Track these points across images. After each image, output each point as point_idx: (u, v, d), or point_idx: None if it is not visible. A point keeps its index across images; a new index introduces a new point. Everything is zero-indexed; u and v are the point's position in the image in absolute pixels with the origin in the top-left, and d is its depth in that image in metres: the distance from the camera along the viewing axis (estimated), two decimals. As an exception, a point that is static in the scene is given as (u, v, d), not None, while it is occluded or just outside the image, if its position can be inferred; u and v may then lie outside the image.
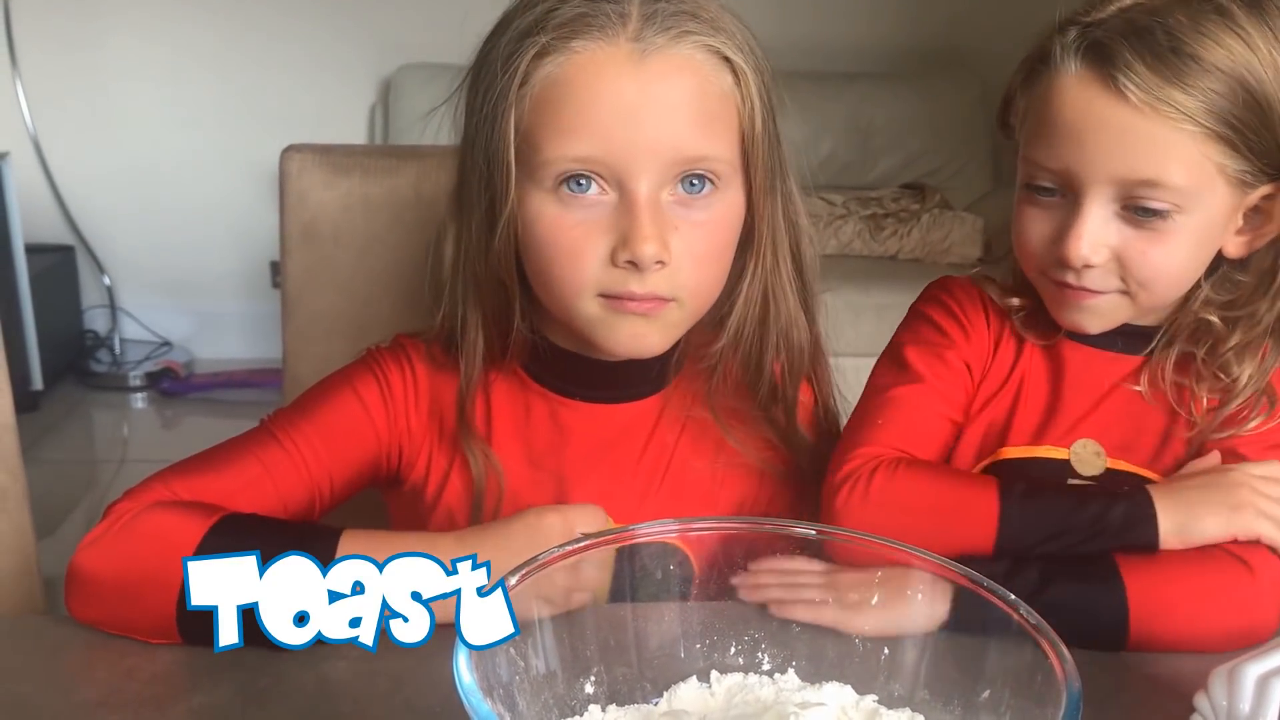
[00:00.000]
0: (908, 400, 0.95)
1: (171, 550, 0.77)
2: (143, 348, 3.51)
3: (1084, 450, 0.95)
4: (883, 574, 0.67)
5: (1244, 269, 0.93)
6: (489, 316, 0.92)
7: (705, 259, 0.88)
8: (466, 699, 0.53)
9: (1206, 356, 0.92)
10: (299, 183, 1.15)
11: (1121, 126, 0.85)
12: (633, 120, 0.82)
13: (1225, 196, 0.87)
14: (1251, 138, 0.85)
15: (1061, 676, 0.54)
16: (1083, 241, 0.87)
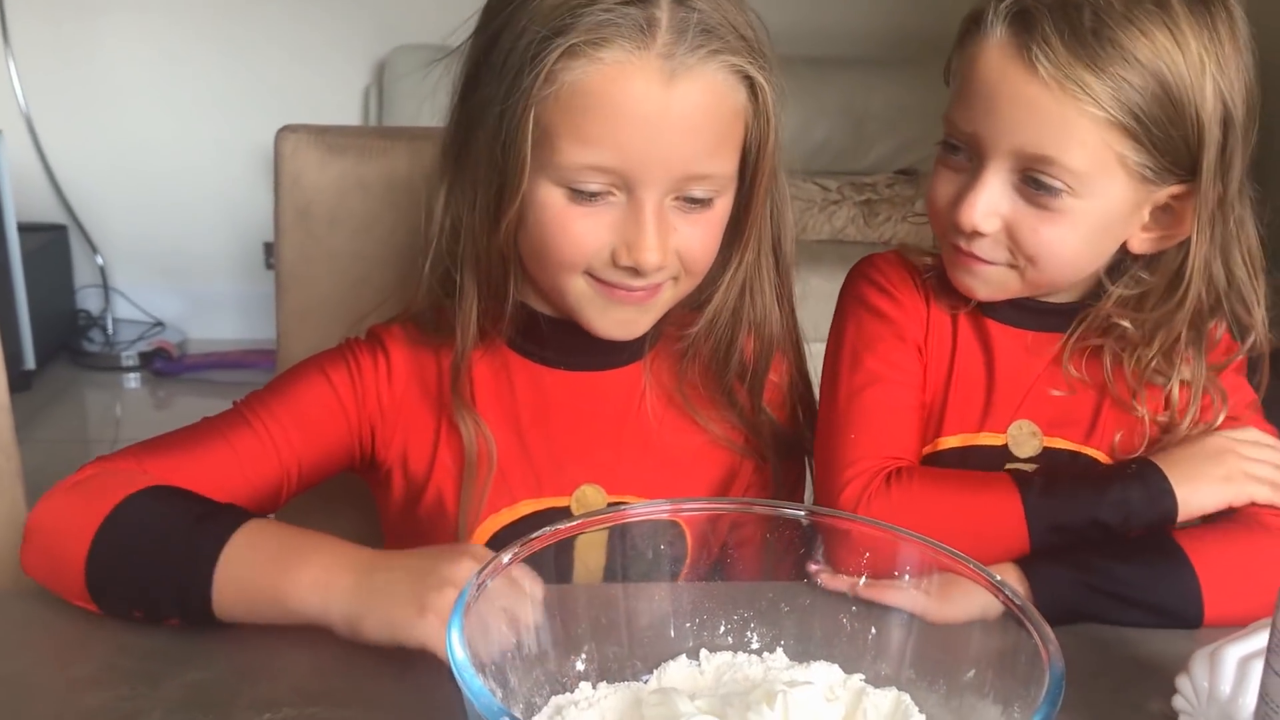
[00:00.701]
0: (876, 404, 0.95)
1: (91, 513, 0.80)
2: (136, 328, 3.51)
3: (1019, 432, 0.96)
4: None
5: (1152, 269, 0.93)
6: (485, 287, 0.93)
7: (701, 251, 0.91)
8: (459, 674, 0.53)
9: (1134, 366, 0.94)
10: (293, 163, 1.15)
11: (1028, 99, 0.85)
12: (654, 138, 0.84)
13: (1126, 189, 0.87)
14: (1158, 135, 0.85)
15: (1045, 657, 0.55)
16: (976, 208, 0.88)
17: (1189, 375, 0.94)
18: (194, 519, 0.80)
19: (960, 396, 0.97)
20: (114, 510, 0.80)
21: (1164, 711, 0.72)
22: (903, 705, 0.63)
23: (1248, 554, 0.86)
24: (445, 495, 0.96)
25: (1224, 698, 0.68)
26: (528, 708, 0.63)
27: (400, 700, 0.72)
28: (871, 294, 0.99)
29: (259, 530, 0.80)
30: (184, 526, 0.80)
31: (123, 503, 0.80)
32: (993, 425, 0.97)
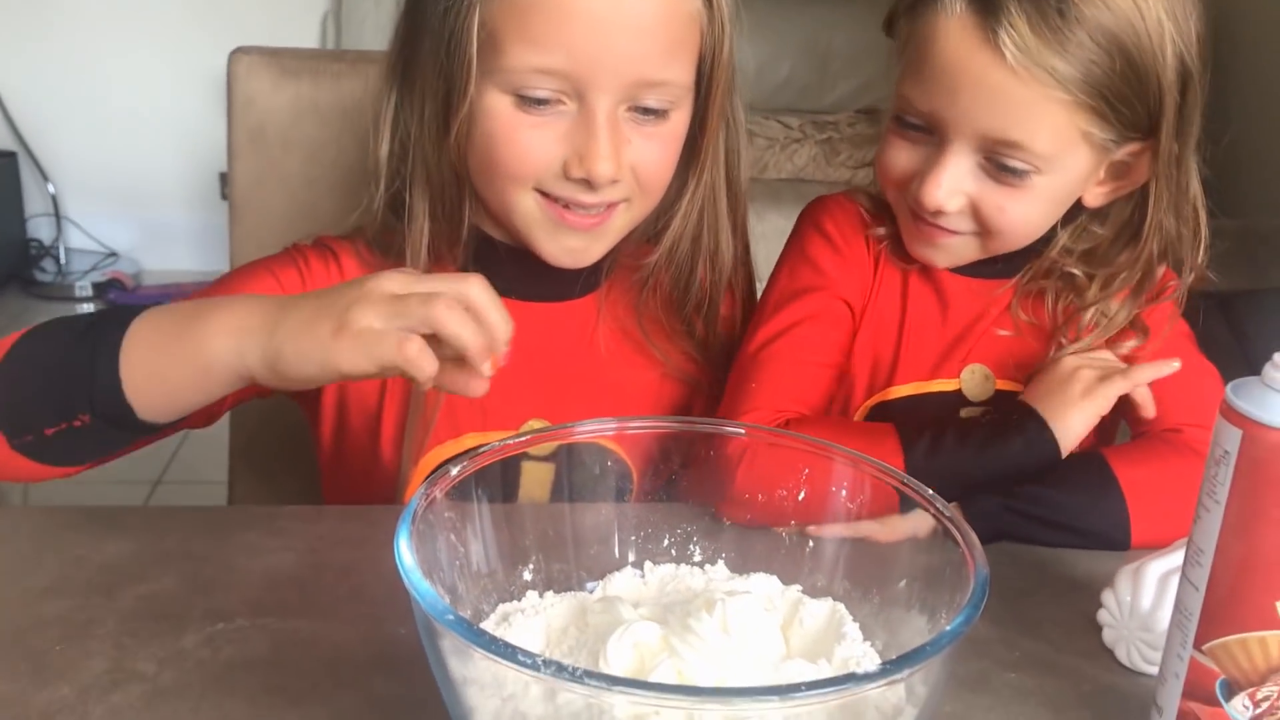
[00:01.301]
0: (784, 355, 0.94)
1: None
2: (89, 258, 3.47)
3: (972, 376, 0.97)
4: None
5: (1102, 220, 0.94)
6: (437, 206, 0.91)
7: (656, 168, 0.89)
8: (407, 578, 0.55)
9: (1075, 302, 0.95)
10: (247, 86, 1.14)
11: (994, 85, 0.83)
12: (603, 38, 0.81)
13: (1089, 159, 0.88)
14: (1123, 109, 0.85)
15: (970, 565, 0.57)
16: (940, 189, 0.88)
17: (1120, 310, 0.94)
18: (94, 316, 0.76)
19: (913, 346, 0.97)
20: (10, 344, 0.75)
21: (1089, 624, 0.75)
22: (837, 614, 0.65)
23: (1174, 478, 0.87)
24: (387, 426, 0.95)
25: (1144, 610, 0.71)
26: (475, 614, 0.65)
27: (352, 611, 0.74)
28: (815, 243, 0.98)
29: (162, 308, 0.75)
30: (83, 324, 0.75)
31: (18, 337, 0.76)
32: (946, 372, 0.97)
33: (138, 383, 0.71)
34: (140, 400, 0.71)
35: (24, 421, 0.73)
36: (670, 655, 0.58)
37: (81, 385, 0.71)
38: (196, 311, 0.72)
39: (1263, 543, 0.56)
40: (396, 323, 0.65)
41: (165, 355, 0.71)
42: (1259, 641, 0.57)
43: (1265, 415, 0.55)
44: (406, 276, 0.67)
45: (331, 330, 0.65)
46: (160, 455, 2.54)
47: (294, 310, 0.68)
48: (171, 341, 0.71)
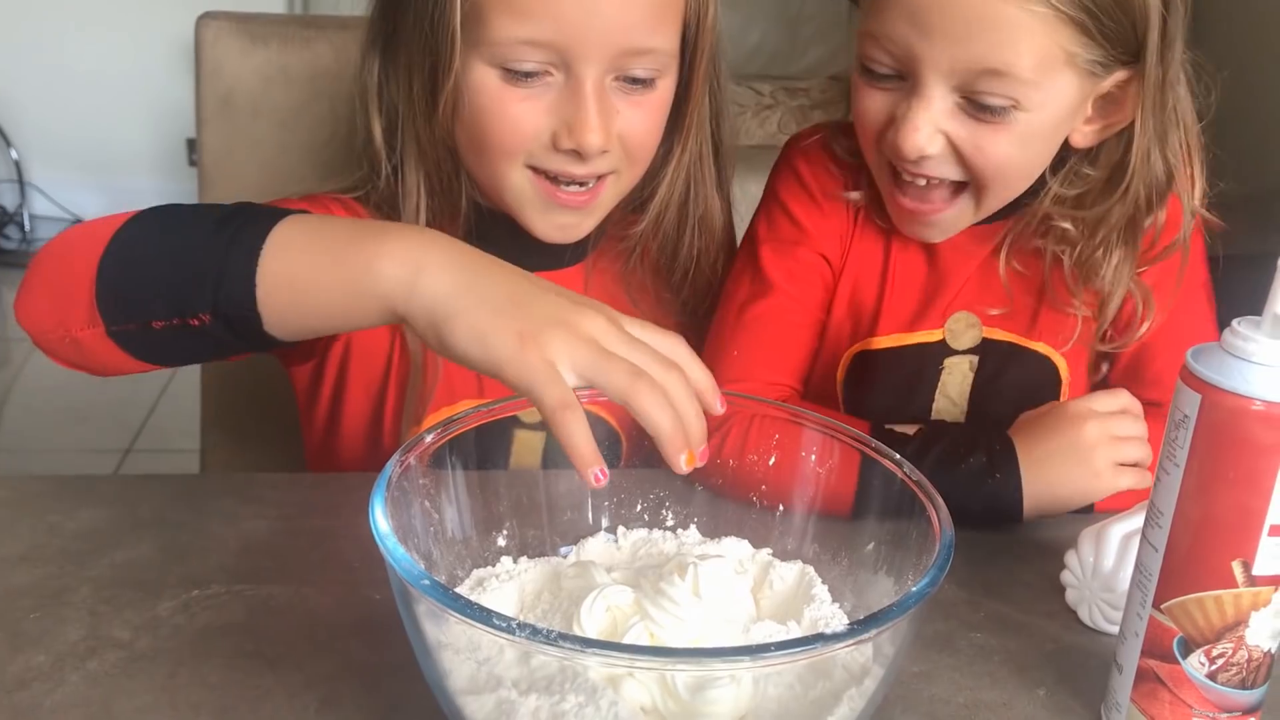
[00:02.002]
0: (764, 319, 0.93)
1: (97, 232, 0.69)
2: (54, 225, 3.43)
3: (957, 324, 0.95)
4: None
5: (1093, 162, 0.89)
6: (432, 181, 0.90)
7: (644, 137, 0.89)
8: (383, 544, 0.55)
9: (1072, 265, 0.91)
10: (215, 51, 1.13)
11: (968, 8, 0.78)
12: (589, 7, 0.81)
13: (1073, 88, 0.83)
14: (1108, 24, 0.80)
15: (936, 528, 0.59)
16: (918, 133, 0.83)
17: (1117, 274, 0.91)
18: (228, 209, 0.68)
19: (896, 296, 0.95)
20: (125, 222, 0.69)
21: (1053, 585, 0.77)
22: (806, 577, 0.67)
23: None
24: (391, 393, 0.95)
25: (1106, 570, 0.73)
26: (450, 580, 0.66)
27: (327, 577, 0.74)
28: (793, 192, 0.96)
29: (309, 216, 0.67)
30: (215, 215, 0.67)
31: (135, 215, 0.70)
32: (930, 322, 0.95)
33: (274, 291, 0.63)
34: (272, 310, 0.64)
35: (130, 309, 0.66)
36: (643, 618, 0.59)
37: (208, 281, 0.64)
38: (360, 229, 0.65)
39: (1219, 505, 0.57)
40: (590, 376, 0.57)
41: (315, 268, 0.63)
42: (1215, 600, 0.59)
43: (1224, 380, 0.56)
44: (614, 326, 0.60)
45: (519, 336, 0.57)
46: (131, 423, 2.53)
47: (486, 280, 0.61)
48: (326, 254, 0.63)
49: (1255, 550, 0.57)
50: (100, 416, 2.52)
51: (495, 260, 0.63)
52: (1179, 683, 0.61)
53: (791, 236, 0.95)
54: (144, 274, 0.66)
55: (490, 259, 0.63)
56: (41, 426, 2.52)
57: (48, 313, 0.70)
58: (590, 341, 0.58)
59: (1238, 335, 0.57)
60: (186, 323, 0.65)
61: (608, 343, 0.58)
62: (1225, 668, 0.60)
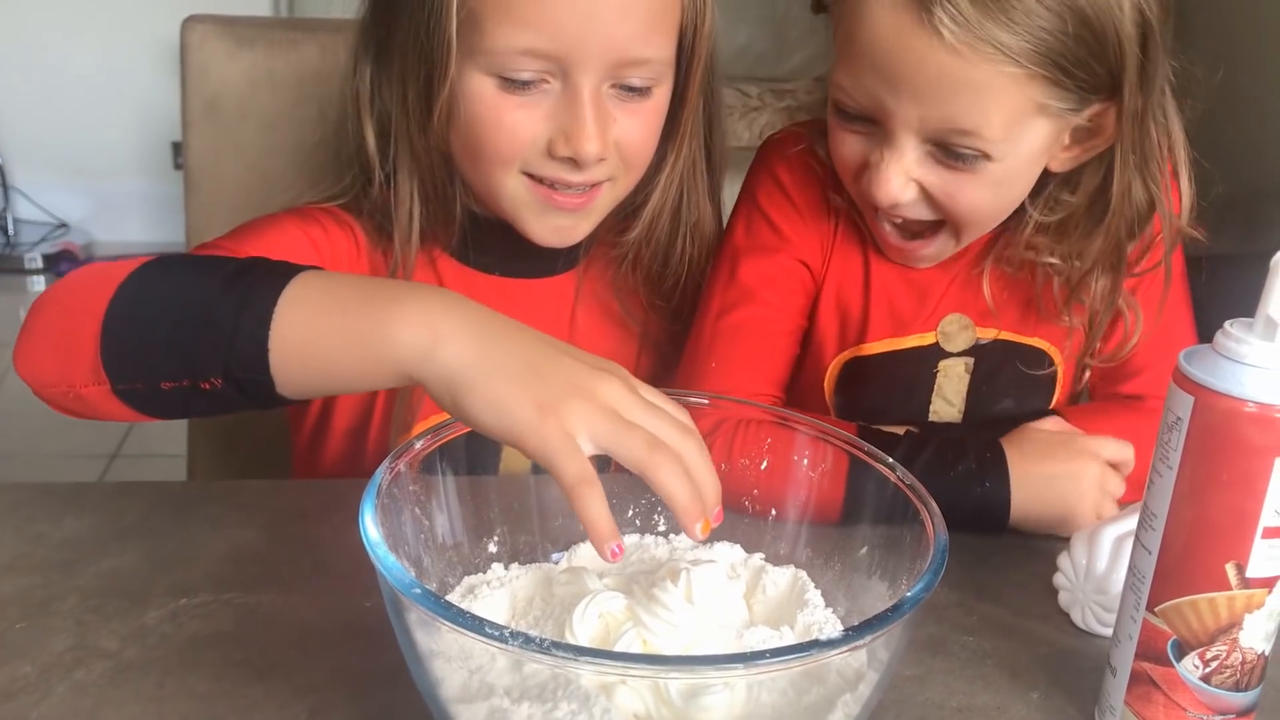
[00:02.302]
0: (743, 328, 0.92)
1: (101, 284, 0.66)
2: (38, 229, 3.41)
3: (950, 326, 0.94)
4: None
5: (1073, 189, 0.88)
6: (426, 188, 0.89)
7: (641, 144, 0.89)
8: (373, 552, 0.55)
9: (1060, 287, 0.90)
10: (201, 54, 1.12)
11: (937, 70, 0.76)
12: (588, 17, 0.80)
13: (1046, 131, 0.82)
14: (1080, 74, 0.78)
15: (930, 530, 0.58)
16: (890, 184, 0.82)
17: (1106, 298, 0.90)
18: (236, 265, 0.66)
19: (882, 301, 0.95)
20: (129, 276, 0.66)
21: (1046, 588, 0.77)
22: (799, 581, 0.66)
23: (1133, 439, 0.87)
24: (381, 398, 0.95)
25: (1099, 573, 0.73)
26: (441, 587, 0.65)
27: (317, 584, 0.74)
28: (772, 197, 0.95)
29: (320, 274, 0.65)
30: (224, 272, 0.65)
31: (139, 269, 0.67)
32: (921, 325, 0.95)
33: (288, 356, 0.61)
34: (285, 375, 0.62)
35: (138, 371, 0.65)
36: (635, 624, 0.59)
37: (219, 345, 0.62)
38: (375, 290, 0.64)
39: (1213, 507, 0.57)
40: (608, 447, 0.57)
41: (330, 333, 0.61)
42: (1209, 603, 0.59)
43: (1217, 382, 0.56)
44: (632, 392, 0.59)
45: (537, 406, 0.56)
46: (116, 428, 2.52)
47: (504, 347, 0.59)
48: (340, 317, 0.62)
49: (1249, 552, 0.57)
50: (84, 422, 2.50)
51: (512, 324, 0.62)
52: (1173, 685, 0.60)
53: (771, 244, 0.94)
54: (152, 336, 0.64)
55: (507, 322, 0.62)
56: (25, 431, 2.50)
57: (50, 367, 0.68)
58: (608, 410, 0.57)
59: (1230, 337, 0.57)
60: (197, 385, 0.63)
61: (625, 410, 0.57)
62: (1219, 670, 0.60)
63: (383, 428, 0.95)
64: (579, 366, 0.59)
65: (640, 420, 0.57)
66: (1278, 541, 0.57)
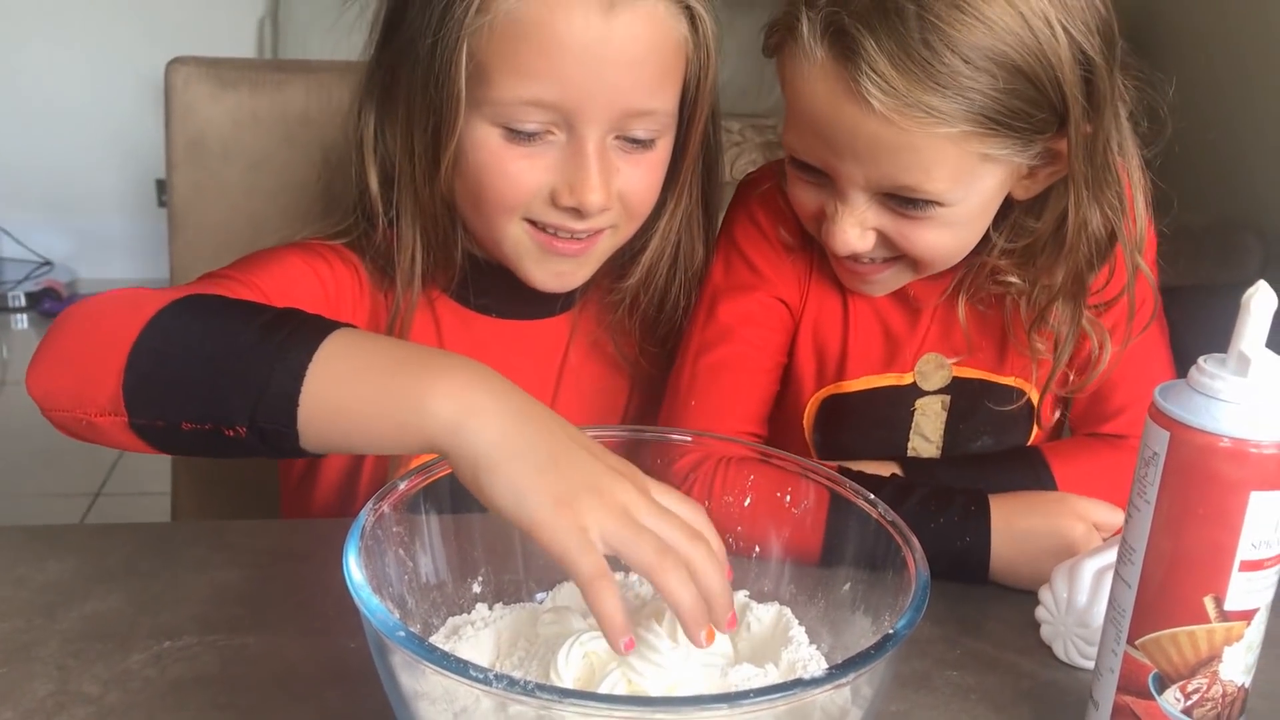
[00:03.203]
0: (722, 366, 0.92)
1: (129, 317, 0.66)
2: (22, 267, 3.41)
3: (926, 365, 0.95)
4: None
5: (1036, 215, 0.87)
6: (428, 234, 0.89)
7: (643, 194, 0.89)
8: (357, 595, 0.55)
9: (1027, 311, 0.90)
10: (185, 96, 1.13)
11: (870, 136, 0.76)
12: (595, 70, 0.80)
13: (996, 174, 0.81)
14: (1019, 123, 0.77)
15: (912, 566, 0.59)
16: (847, 236, 0.83)
17: (1069, 324, 0.89)
18: (271, 314, 0.65)
19: (860, 339, 0.95)
20: (161, 311, 0.65)
21: (1028, 622, 0.77)
22: (783, 619, 0.67)
23: (1110, 475, 0.88)
24: None
25: (1080, 606, 0.73)
26: (425, 628, 0.65)
27: (301, 625, 0.73)
28: (748, 235, 0.95)
29: (355, 334, 0.64)
30: (259, 321, 0.64)
31: (171, 305, 0.66)
32: (900, 365, 0.95)
33: (317, 414, 0.61)
34: (312, 431, 0.61)
35: (161, 409, 0.64)
36: (620, 664, 0.59)
37: (249, 394, 0.61)
38: (410, 356, 0.64)
39: (1190, 541, 0.58)
40: (619, 549, 0.57)
41: (362, 396, 0.61)
42: (1188, 636, 0.59)
43: (1191, 418, 0.57)
44: (644, 496, 0.59)
45: (555, 499, 0.57)
46: (100, 466, 2.50)
47: (530, 433, 0.59)
48: (374, 382, 0.61)
49: (1227, 586, 0.58)
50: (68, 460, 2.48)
51: (540, 408, 0.62)
52: (1155, 719, 0.61)
53: (749, 282, 0.94)
54: (180, 376, 0.64)
55: (535, 406, 0.62)
56: (7, 470, 2.49)
57: (65, 391, 0.67)
58: (621, 512, 0.57)
59: (1204, 373, 0.58)
60: (220, 430, 0.62)
61: (637, 512, 0.58)
62: (1200, 703, 0.60)
63: (375, 468, 0.95)
64: (596, 465, 0.59)
65: (651, 524, 0.58)
66: (1255, 575, 0.58)
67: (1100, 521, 0.83)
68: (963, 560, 0.81)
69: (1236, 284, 0.59)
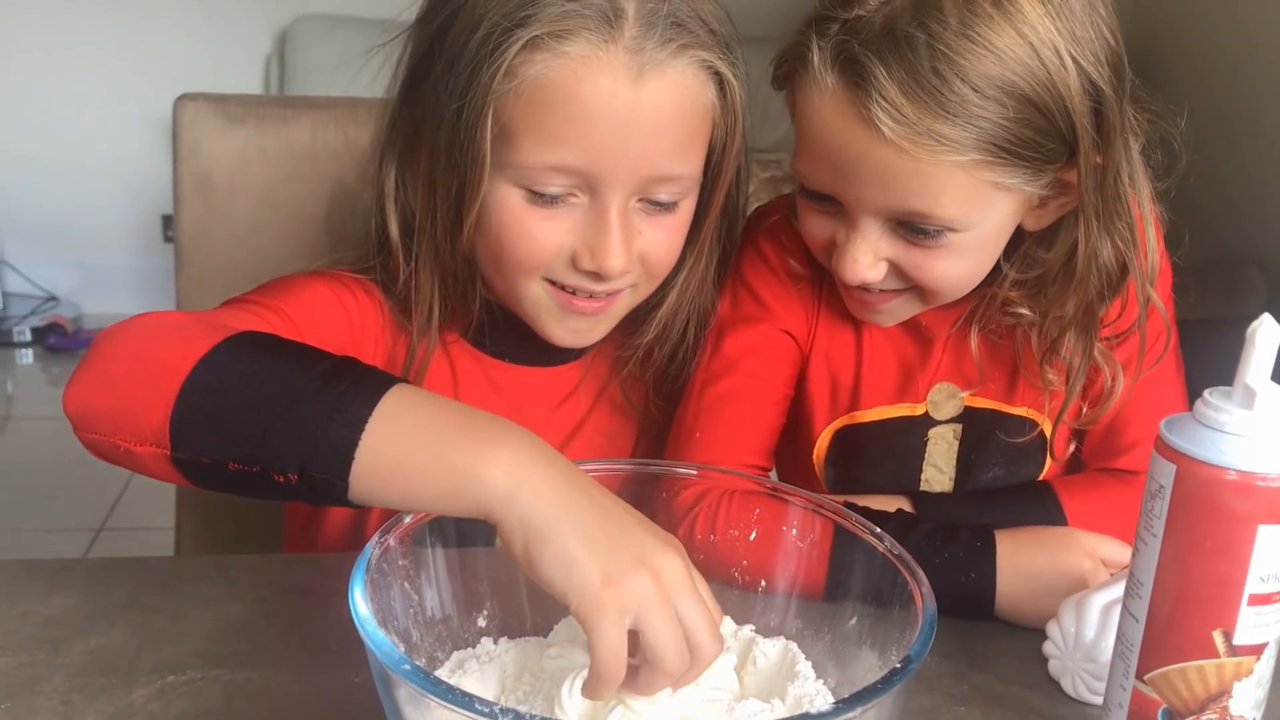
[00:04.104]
0: (727, 398, 0.92)
1: (183, 348, 0.65)
2: (28, 302, 3.42)
3: (938, 395, 0.95)
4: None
5: (1047, 246, 0.87)
6: (447, 285, 0.90)
7: (664, 256, 0.89)
8: (362, 628, 0.55)
9: (1037, 342, 0.90)
10: (192, 132, 1.14)
11: (880, 163, 0.77)
12: (621, 137, 0.80)
13: (1007, 204, 0.81)
14: (1029, 152, 0.77)
15: (919, 600, 0.59)
16: (858, 265, 0.83)
17: (1081, 357, 0.89)
18: (330, 363, 0.64)
19: (874, 370, 0.95)
20: (216, 348, 0.64)
21: (1036, 656, 0.77)
22: (790, 653, 0.66)
23: (1121, 510, 0.86)
24: None
25: (1088, 641, 0.73)
26: (430, 662, 0.65)
27: (304, 660, 0.73)
28: (755, 268, 0.95)
29: (415, 392, 0.64)
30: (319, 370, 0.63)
31: (226, 343, 0.65)
32: (912, 395, 0.95)
33: (371, 470, 0.60)
34: (363, 485, 0.61)
35: (208, 446, 0.63)
36: (623, 700, 0.59)
37: (303, 442, 0.61)
38: (466, 422, 0.63)
39: (1198, 575, 0.58)
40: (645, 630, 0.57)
41: (418, 458, 0.60)
42: (1197, 670, 0.59)
43: (1198, 451, 0.57)
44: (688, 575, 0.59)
45: (604, 575, 0.56)
46: (103, 501, 2.50)
47: (583, 506, 0.59)
48: (431, 446, 0.61)
49: (1235, 620, 0.58)
50: (72, 495, 2.49)
51: (587, 479, 0.62)
52: (1165, 755, 0.60)
53: (755, 314, 0.94)
54: (233, 417, 0.62)
55: (583, 477, 0.62)
56: (11, 505, 2.48)
57: (104, 416, 0.66)
58: (663, 594, 0.57)
59: (1210, 406, 0.58)
60: (268, 474, 0.61)
61: (678, 593, 0.58)
62: (1210, 738, 0.60)
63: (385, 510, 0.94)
64: (646, 539, 0.59)
65: (685, 610, 0.58)
66: (1264, 609, 0.58)
67: (1107, 557, 0.82)
68: (968, 596, 0.80)
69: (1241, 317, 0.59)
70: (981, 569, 0.80)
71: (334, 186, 1.11)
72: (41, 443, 2.75)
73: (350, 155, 1.09)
